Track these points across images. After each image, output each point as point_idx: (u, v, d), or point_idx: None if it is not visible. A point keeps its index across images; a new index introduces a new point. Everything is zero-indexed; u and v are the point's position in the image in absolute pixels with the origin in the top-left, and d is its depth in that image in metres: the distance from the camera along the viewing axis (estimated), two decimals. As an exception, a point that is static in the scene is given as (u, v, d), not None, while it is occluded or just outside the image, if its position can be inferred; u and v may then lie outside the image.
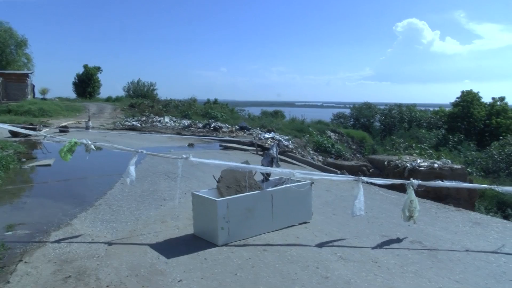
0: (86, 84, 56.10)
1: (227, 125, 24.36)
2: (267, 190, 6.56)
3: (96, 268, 5.06)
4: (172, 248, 5.82)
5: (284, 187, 6.78)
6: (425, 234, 6.73)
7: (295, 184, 6.77)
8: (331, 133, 27.42)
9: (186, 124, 25.13)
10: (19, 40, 49.97)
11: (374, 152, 25.76)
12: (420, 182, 6.46)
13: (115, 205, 7.90)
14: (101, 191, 8.96)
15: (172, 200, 8.27)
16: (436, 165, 14.03)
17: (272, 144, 8.19)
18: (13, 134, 16.69)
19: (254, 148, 16.53)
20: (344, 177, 7.90)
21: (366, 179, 6.42)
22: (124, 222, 6.92)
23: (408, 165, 14.31)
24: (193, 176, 10.51)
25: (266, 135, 20.16)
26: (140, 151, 6.26)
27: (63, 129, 20.38)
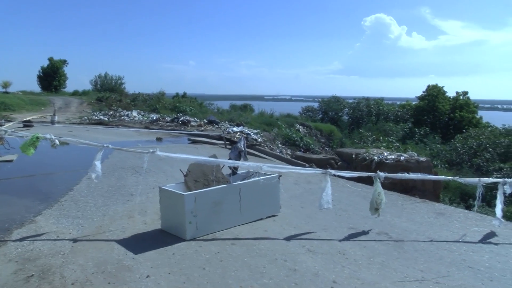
0: (52, 77, 54.59)
1: (195, 119, 24.21)
2: (234, 183, 6.55)
3: (61, 266, 4.95)
4: (140, 243, 5.75)
5: (252, 180, 6.77)
6: (392, 226, 6.85)
7: (263, 178, 6.77)
8: (300, 127, 27.57)
9: (155, 118, 24.85)
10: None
11: (342, 145, 26.04)
12: (387, 174, 6.55)
13: (81, 201, 7.75)
14: (67, 187, 8.77)
15: (139, 195, 8.18)
16: (402, 158, 14.29)
17: (240, 138, 8.18)
18: (-27, 129, 16.18)
19: (223, 142, 16.49)
20: (312, 170, 7.94)
21: (333, 172, 6.47)
22: (90, 218, 6.80)
23: (376, 158, 14.52)
24: (161, 171, 10.41)
25: (235, 129, 20.12)
26: (106, 146, 6.16)
27: (27, 124, 19.89)
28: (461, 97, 46.47)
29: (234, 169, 7.09)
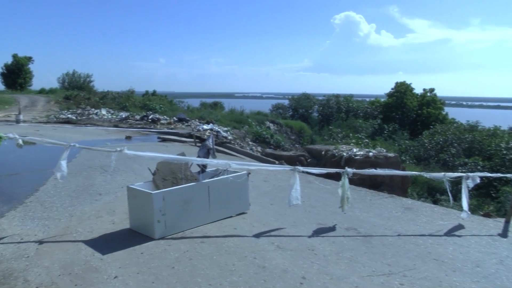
0: (16, 74, 53.13)
1: (165, 117, 23.99)
2: (203, 181, 6.53)
3: (25, 269, 4.83)
4: (108, 243, 5.68)
5: (220, 178, 6.75)
6: (360, 221, 6.95)
7: (231, 175, 6.76)
8: (270, 124, 27.66)
9: (124, 116, 24.51)
10: None
11: (312, 142, 26.23)
12: (355, 170, 6.64)
13: (47, 202, 7.58)
14: (33, 187, 8.55)
15: (108, 195, 8.08)
16: (371, 154, 14.46)
17: (209, 135, 8.15)
18: None
19: (193, 140, 16.41)
20: (280, 167, 7.99)
21: (302, 168, 6.51)
22: (57, 219, 6.66)
23: (345, 154, 14.66)
24: (130, 169, 10.29)
25: (205, 127, 20.03)
26: (73, 145, 6.05)
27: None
28: (428, 94, 47.46)
29: (203, 167, 7.06)
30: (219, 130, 19.36)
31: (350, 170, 6.55)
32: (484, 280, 4.85)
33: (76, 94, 35.71)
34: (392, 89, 48.70)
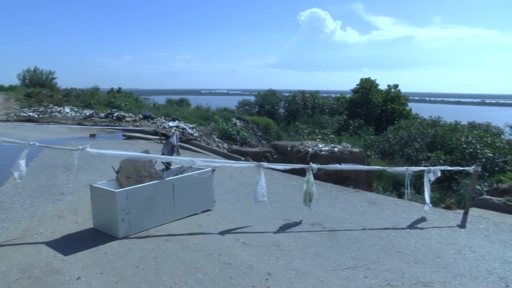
0: (-27, 72, 51.44)
1: (130, 114, 23.67)
2: (167, 179, 6.47)
3: (-21, 275, 4.65)
4: (70, 244, 5.56)
5: (185, 175, 6.72)
6: (326, 216, 7.03)
7: (196, 172, 6.73)
8: (237, 121, 27.64)
9: (88, 114, 24.02)
10: None
11: (278, 138, 26.33)
12: (319, 166, 6.70)
13: (6, 203, 7.35)
14: (-10, 188, 8.30)
15: (71, 194, 7.91)
16: (336, 149, 14.64)
17: (173, 133, 8.07)
18: None
19: (158, 137, 16.25)
20: (245, 164, 7.99)
21: (267, 165, 6.52)
22: (16, 221, 6.47)
23: (310, 150, 14.79)
24: (93, 168, 10.10)
25: (171, 124, 19.87)
26: (32, 144, 5.87)
27: None
28: (393, 90, 48.22)
29: (168, 165, 6.99)
30: (185, 127, 19.23)
31: (314, 166, 6.60)
32: (444, 269, 5.02)
33: (38, 91, 34.78)
34: (357, 85, 49.27)
